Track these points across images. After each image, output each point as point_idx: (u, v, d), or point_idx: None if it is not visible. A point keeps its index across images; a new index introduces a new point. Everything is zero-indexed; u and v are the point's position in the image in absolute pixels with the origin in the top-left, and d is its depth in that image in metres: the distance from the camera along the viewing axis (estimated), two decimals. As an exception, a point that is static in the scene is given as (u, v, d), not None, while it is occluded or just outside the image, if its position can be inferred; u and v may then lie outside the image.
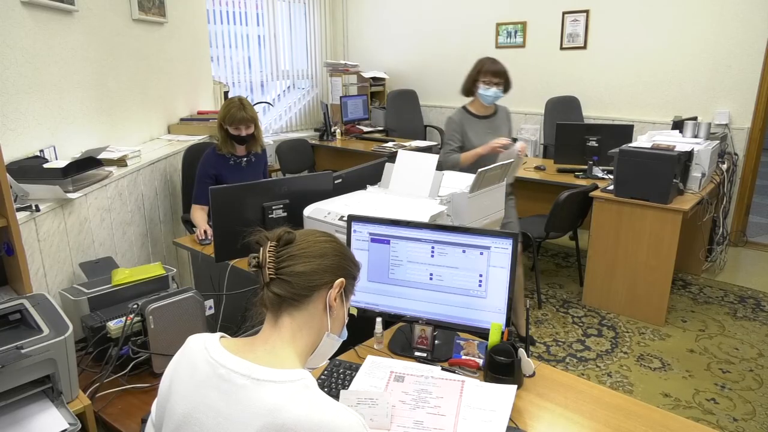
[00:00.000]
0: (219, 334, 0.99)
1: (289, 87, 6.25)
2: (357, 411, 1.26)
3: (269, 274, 0.95)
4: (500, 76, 2.86)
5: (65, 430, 1.34)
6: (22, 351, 1.32)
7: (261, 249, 0.98)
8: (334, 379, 1.44)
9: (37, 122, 2.35)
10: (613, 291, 3.34)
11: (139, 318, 1.64)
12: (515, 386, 1.37)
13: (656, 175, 3.02)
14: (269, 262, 0.96)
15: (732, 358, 2.89)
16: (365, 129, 5.61)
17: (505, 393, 1.34)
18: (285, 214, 2.22)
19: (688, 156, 3.24)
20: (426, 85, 6.03)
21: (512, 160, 2.43)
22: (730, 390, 2.62)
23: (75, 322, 1.53)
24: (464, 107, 3.00)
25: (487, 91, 2.86)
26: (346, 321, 1.09)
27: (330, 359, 1.54)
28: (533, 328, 3.23)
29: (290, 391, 0.84)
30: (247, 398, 0.85)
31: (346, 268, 1.03)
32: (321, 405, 0.83)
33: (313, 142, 5.40)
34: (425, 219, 1.93)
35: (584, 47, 4.86)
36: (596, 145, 3.67)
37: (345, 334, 1.09)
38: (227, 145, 2.83)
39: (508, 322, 1.52)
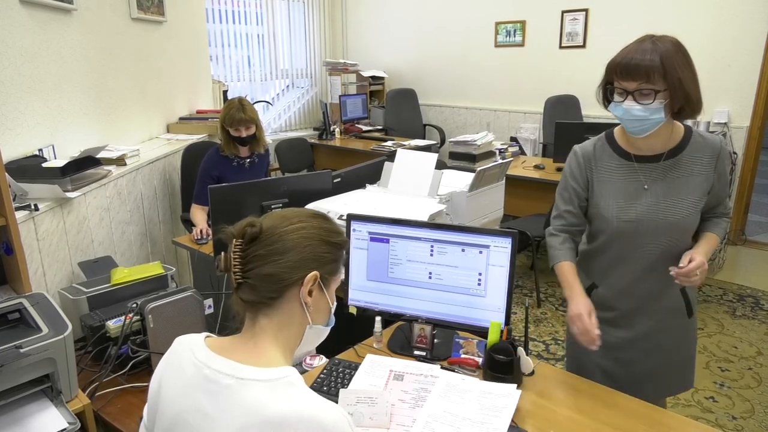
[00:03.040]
0: (204, 334, 0.97)
1: (288, 86, 6.25)
2: (356, 410, 1.26)
3: (236, 279, 0.91)
4: (640, 76, 1.35)
5: (64, 429, 1.34)
6: (21, 350, 1.32)
7: (227, 249, 0.93)
8: (334, 378, 1.44)
9: (36, 121, 2.35)
10: (613, 290, 3.33)
11: (138, 317, 1.64)
12: (518, 388, 1.36)
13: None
14: (235, 265, 0.91)
15: (731, 357, 2.89)
16: (364, 128, 5.61)
17: (506, 392, 1.34)
18: (284, 213, 2.21)
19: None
20: (425, 84, 6.02)
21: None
22: (729, 388, 2.63)
23: (74, 322, 1.53)
24: (608, 132, 1.63)
25: (616, 107, 1.44)
26: (333, 308, 1.03)
27: (329, 358, 1.55)
28: (532, 327, 3.23)
29: (275, 389, 0.84)
30: (233, 398, 0.84)
31: (320, 257, 0.95)
32: (306, 401, 0.83)
33: (313, 141, 5.40)
34: (424, 218, 1.93)
35: (583, 46, 4.86)
36: (595, 143, 3.66)
37: (332, 320, 1.04)
38: (230, 147, 2.82)
39: (508, 320, 1.52)
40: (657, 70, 1.33)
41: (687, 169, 1.48)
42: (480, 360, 1.51)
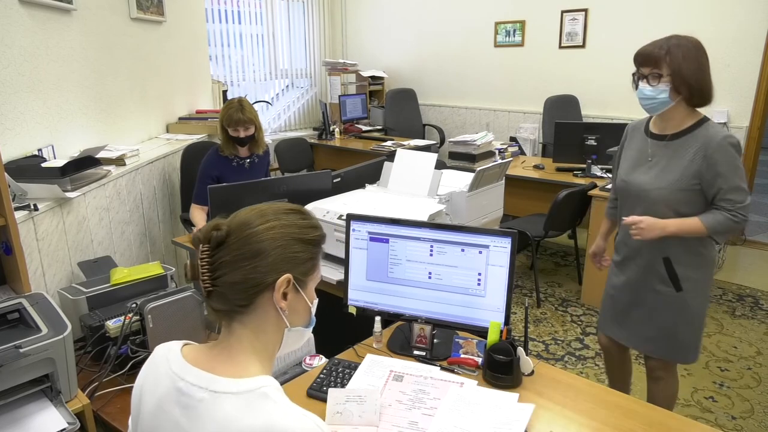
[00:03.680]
0: (183, 342, 0.94)
1: (287, 86, 6.25)
2: (346, 408, 1.26)
3: (206, 287, 0.87)
4: (650, 63, 1.68)
5: (64, 429, 1.34)
6: (21, 350, 1.32)
7: (196, 256, 0.89)
8: (333, 378, 1.44)
9: (36, 121, 2.35)
10: (612, 290, 3.34)
11: (137, 317, 1.64)
12: (518, 388, 1.35)
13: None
14: (203, 273, 0.86)
15: (730, 357, 2.89)
16: (364, 128, 5.61)
17: (520, 407, 1.29)
18: (284, 213, 2.21)
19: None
20: (425, 83, 6.02)
21: None
22: (729, 388, 2.63)
23: (74, 322, 1.53)
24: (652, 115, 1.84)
25: (637, 89, 1.75)
26: (313, 307, 0.98)
27: (329, 358, 1.55)
28: (532, 327, 3.23)
29: (247, 401, 0.81)
30: (206, 412, 0.82)
31: (293, 257, 0.89)
32: (278, 413, 0.80)
33: (312, 141, 5.40)
34: (424, 218, 1.93)
35: (583, 46, 4.86)
36: (595, 143, 3.67)
37: (313, 321, 0.99)
38: (229, 147, 2.82)
39: (507, 320, 1.52)
40: (662, 58, 1.65)
41: (679, 151, 1.72)
42: (480, 360, 1.51)
